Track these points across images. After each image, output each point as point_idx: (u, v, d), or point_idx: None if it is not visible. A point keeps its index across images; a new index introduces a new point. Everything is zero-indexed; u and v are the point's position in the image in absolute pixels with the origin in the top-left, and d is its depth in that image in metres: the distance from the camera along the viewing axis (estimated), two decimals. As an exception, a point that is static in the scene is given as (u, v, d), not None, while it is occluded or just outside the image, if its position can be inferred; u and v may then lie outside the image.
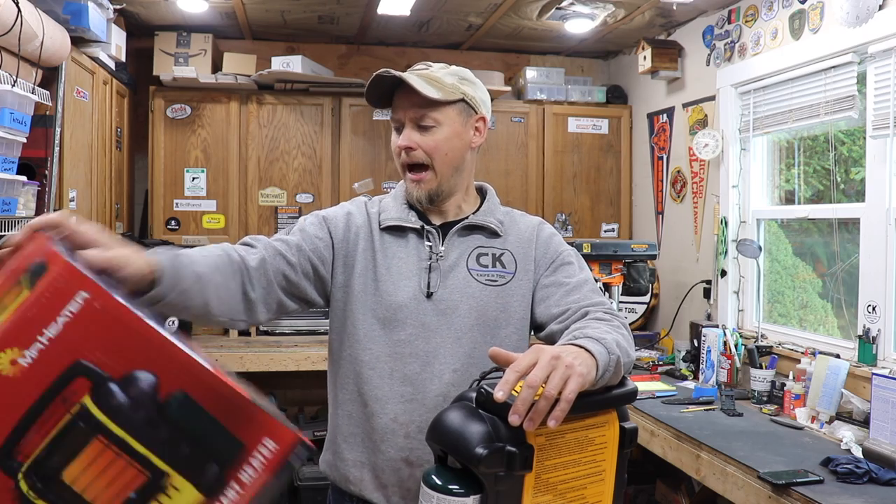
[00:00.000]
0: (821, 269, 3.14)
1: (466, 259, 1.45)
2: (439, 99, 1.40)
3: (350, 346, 1.44)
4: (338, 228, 1.47)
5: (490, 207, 1.52)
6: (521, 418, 0.97)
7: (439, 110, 1.41)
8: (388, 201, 1.51)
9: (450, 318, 1.40)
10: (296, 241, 1.42)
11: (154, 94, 3.93)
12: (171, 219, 3.98)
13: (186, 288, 1.15)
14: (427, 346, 1.39)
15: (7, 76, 2.23)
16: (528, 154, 4.34)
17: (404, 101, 1.42)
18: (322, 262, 1.44)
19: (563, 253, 1.49)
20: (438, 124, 1.42)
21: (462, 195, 1.51)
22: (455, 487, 1.02)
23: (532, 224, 1.53)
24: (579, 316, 1.35)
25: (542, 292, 1.45)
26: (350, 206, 1.53)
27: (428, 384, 1.38)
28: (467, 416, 1.04)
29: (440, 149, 1.42)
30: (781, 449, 2.32)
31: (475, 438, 1.01)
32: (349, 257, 1.46)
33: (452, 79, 1.43)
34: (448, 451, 1.06)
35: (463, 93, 1.44)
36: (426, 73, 1.42)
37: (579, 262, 1.50)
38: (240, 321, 1.32)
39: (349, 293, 1.44)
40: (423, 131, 1.42)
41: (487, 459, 0.98)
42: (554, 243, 1.51)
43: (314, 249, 1.43)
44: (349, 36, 4.26)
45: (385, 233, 1.46)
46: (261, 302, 1.34)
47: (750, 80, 3.32)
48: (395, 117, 1.44)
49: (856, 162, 2.93)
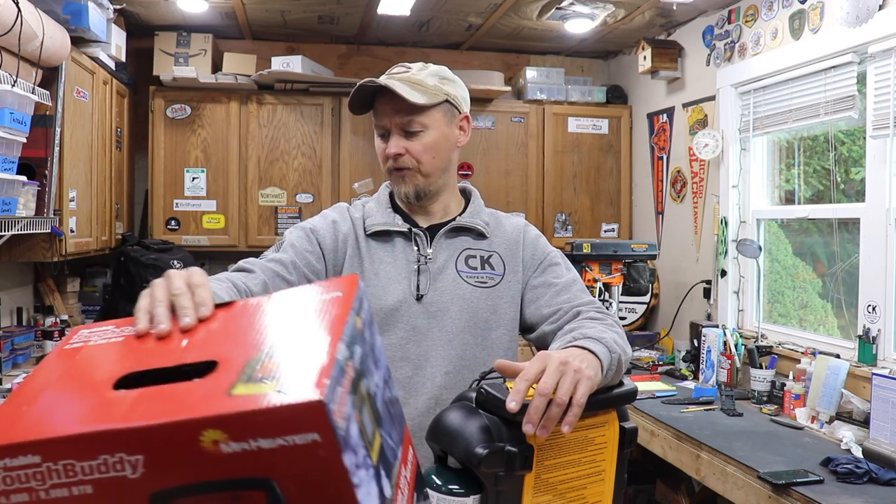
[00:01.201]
0: (821, 269, 3.14)
1: (455, 261, 1.44)
2: (424, 104, 1.38)
3: None
4: (326, 239, 1.46)
5: (476, 209, 1.51)
6: (535, 427, 0.97)
7: (425, 114, 1.39)
8: (372, 206, 1.50)
9: (441, 320, 1.40)
10: (290, 259, 1.42)
11: (154, 94, 3.94)
12: (171, 219, 3.98)
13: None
14: (418, 350, 1.39)
15: (7, 76, 2.23)
16: (528, 154, 4.34)
17: (388, 108, 1.39)
18: (316, 274, 1.44)
19: (550, 254, 1.50)
20: (425, 128, 1.40)
21: (449, 194, 1.50)
22: (455, 487, 1.02)
23: (518, 226, 1.53)
24: (571, 316, 1.35)
25: (532, 293, 1.45)
26: (333, 213, 1.51)
27: (420, 388, 1.38)
28: (467, 416, 1.04)
29: (428, 152, 1.41)
30: (781, 449, 2.33)
31: (475, 438, 1.01)
32: (337, 265, 1.46)
33: (434, 80, 1.41)
34: (448, 451, 1.06)
35: (446, 93, 1.42)
36: (407, 76, 1.39)
37: (566, 262, 1.51)
38: None
39: None
40: (410, 136, 1.40)
41: (487, 459, 0.98)
42: (541, 245, 1.51)
43: (307, 264, 1.43)
44: (349, 36, 4.26)
45: (371, 238, 1.45)
46: None
47: (750, 80, 3.32)
48: (380, 124, 1.42)
49: (856, 162, 2.93)
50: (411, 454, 0.90)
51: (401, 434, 0.88)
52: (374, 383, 0.83)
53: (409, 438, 0.91)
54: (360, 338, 0.82)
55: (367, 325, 0.86)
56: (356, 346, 0.80)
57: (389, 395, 0.87)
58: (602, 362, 1.08)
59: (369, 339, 0.85)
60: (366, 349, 0.83)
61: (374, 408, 0.81)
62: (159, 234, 3.96)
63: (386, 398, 0.86)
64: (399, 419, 0.88)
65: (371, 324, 0.88)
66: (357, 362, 0.78)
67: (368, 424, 0.77)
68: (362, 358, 0.81)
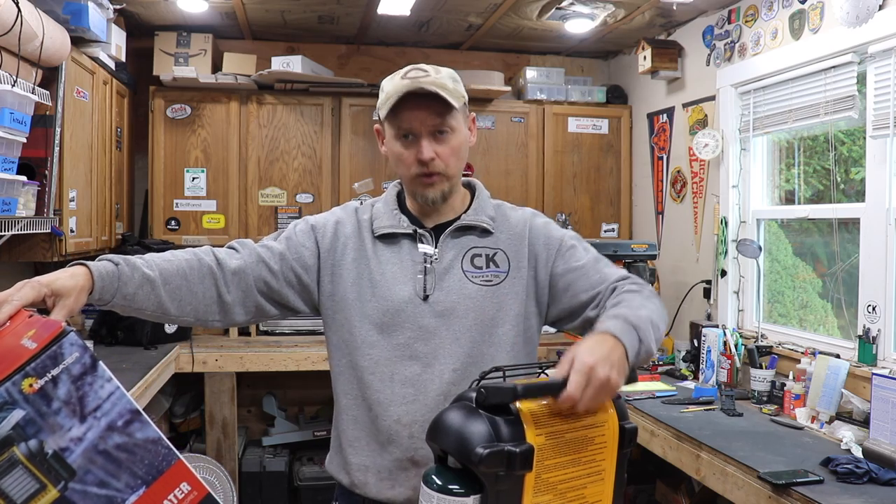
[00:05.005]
0: (821, 269, 3.14)
1: (461, 261, 1.45)
2: (454, 105, 1.38)
3: (349, 353, 1.45)
4: (325, 237, 1.48)
5: (480, 204, 1.52)
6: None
7: (453, 116, 1.41)
8: (380, 207, 1.50)
9: (448, 319, 1.41)
10: (280, 249, 1.46)
11: (154, 94, 3.94)
12: (171, 219, 3.98)
13: (131, 292, 1.27)
14: (426, 348, 1.40)
15: (7, 76, 2.23)
16: (528, 154, 4.34)
17: (420, 112, 1.38)
18: (306, 270, 1.47)
19: (563, 238, 1.50)
20: (452, 130, 1.41)
21: (456, 193, 1.51)
22: (455, 487, 1.02)
23: (524, 218, 1.53)
24: (609, 293, 1.39)
25: (562, 282, 1.46)
26: (341, 212, 1.53)
27: (429, 385, 1.39)
28: (467, 417, 1.04)
29: (455, 155, 1.43)
30: (781, 449, 2.32)
31: (475, 438, 1.01)
32: (336, 266, 1.47)
33: (451, 82, 1.41)
34: (448, 452, 1.06)
35: (462, 95, 1.44)
36: (431, 80, 1.38)
37: (581, 243, 1.51)
38: (213, 321, 1.41)
39: (340, 302, 1.45)
40: (439, 139, 1.40)
41: (488, 459, 0.98)
42: (552, 231, 1.51)
43: (298, 258, 1.46)
44: (349, 36, 4.26)
45: (378, 240, 1.47)
46: (237, 304, 1.42)
47: (750, 80, 3.32)
48: (407, 127, 1.40)
49: (856, 162, 2.93)
50: (185, 488, 0.96)
51: (149, 475, 0.94)
52: (65, 439, 0.91)
53: (179, 474, 0.97)
54: (25, 401, 0.90)
55: (58, 382, 0.93)
56: (4, 413, 0.89)
57: (122, 440, 0.94)
58: (629, 353, 1.17)
59: (63, 396, 0.93)
60: (41, 409, 0.91)
61: (47, 466, 0.89)
62: (159, 234, 3.96)
63: (107, 446, 0.93)
64: (147, 461, 0.95)
65: (79, 377, 0.95)
66: (3, 429, 0.88)
67: (18, 485, 0.87)
68: (23, 422, 0.89)
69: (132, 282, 1.27)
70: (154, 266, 1.32)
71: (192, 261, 1.37)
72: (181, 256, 1.37)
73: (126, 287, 1.26)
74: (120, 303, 1.27)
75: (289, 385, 4.32)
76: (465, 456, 1.01)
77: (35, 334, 0.95)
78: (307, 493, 3.81)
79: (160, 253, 1.38)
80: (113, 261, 1.27)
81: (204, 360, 3.63)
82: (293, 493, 3.89)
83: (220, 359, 3.65)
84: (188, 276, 1.35)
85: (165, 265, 1.34)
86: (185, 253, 1.39)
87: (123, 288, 1.26)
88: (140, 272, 1.29)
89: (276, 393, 4.33)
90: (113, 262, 1.26)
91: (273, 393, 4.30)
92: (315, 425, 4.21)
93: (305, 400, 4.40)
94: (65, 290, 1.15)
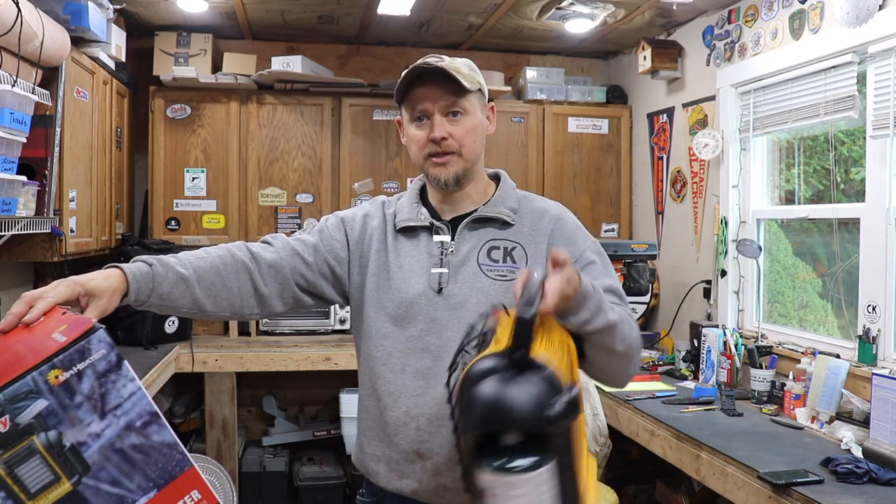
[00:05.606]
0: (821, 269, 3.14)
1: (477, 254, 1.45)
2: (468, 87, 1.42)
3: (365, 343, 1.49)
4: (354, 230, 1.52)
5: (502, 195, 1.51)
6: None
7: (467, 98, 1.43)
8: (404, 201, 1.54)
9: (459, 312, 1.41)
10: (313, 242, 1.50)
11: (154, 94, 3.93)
12: (171, 219, 3.98)
13: (166, 292, 1.31)
14: (438, 341, 1.41)
15: (7, 76, 2.23)
16: (528, 154, 4.34)
17: (433, 92, 1.42)
18: (338, 261, 1.51)
19: (585, 250, 1.46)
20: (466, 112, 1.44)
21: (477, 184, 1.51)
22: (536, 458, 0.99)
23: (551, 215, 1.50)
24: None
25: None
26: (369, 206, 1.57)
27: (440, 378, 1.39)
28: (517, 386, 1.01)
29: (470, 136, 1.44)
30: (781, 449, 2.33)
31: (542, 397, 0.99)
32: (364, 258, 1.51)
33: (467, 69, 1.45)
34: (522, 427, 1.01)
35: (479, 82, 1.47)
36: (445, 63, 1.42)
37: (601, 258, 1.47)
38: (251, 314, 1.45)
39: (364, 293, 1.49)
40: (452, 120, 1.43)
41: (563, 412, 0.98)
42: (577, 237, 1.47)
43: (330, 250, 1.50)
44: (349, 36, 4.26)
45: (400, 233, 1.50)
46: (275, 296, 1.45)
47: (750, 80, 3.32)
48: (421, 108, 1.43)
49: (856, 162, 2.93)
50: (195, 496, 0.97)
51: (161, 479, 0.95)
52: (83, 434, 0.92)
53: (191, 481, 0.97)
54: (49, 392, 0.91)
55: (82, 377, 0.94)
56: (28, 401, 0.90)
57: (139, 441, 0.95)
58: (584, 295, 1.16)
59: (86, 391, 0.93)
60: (64, 402, 0.92)
61: (63, 458, 0.90)
62: (159, 234, 3.96)
63: (124, 445, 0.94)
64: (161, 464, 0.95)
65: (104, 373, 0.95)
66: (26, 417, 0.89)
67: (34, 474, 0.88)
68: (45, 412, 0.90)
69: (166, 281, 1.31)
70: (188, 264, 1.35)
71: (225, 257, 1.40)
72: (214, 253, 1.41)
73: (161, 287, 1.30)
74: (156, 302, 1.30)
75: (289, 385, 4.33)
76: (540, 421, 0.98)
77: (65, 329, 0.97)
78: (307, 493, 3.81)
79: (193, 251, 1.41)
80: (147, 262, 1.30)
81: (204, 360, 3.63)
82: (293, 494, 3.89)
83: (220, 359, 3.65)
84: (222, 272, 1.39)
85: (199, 262, 1.37)
86: (217, 249, 1.42)
87: (158, 288, 1.29)
88: (174, 271, 1.32)
89: (276, 393, 4.33)
90: (147, 263, 1.30)
91: (273, 393, 4.31)
92: (315, 425, 4.21)
93: (305, 400, 4.40)
94: (98, 290, 1.19)
